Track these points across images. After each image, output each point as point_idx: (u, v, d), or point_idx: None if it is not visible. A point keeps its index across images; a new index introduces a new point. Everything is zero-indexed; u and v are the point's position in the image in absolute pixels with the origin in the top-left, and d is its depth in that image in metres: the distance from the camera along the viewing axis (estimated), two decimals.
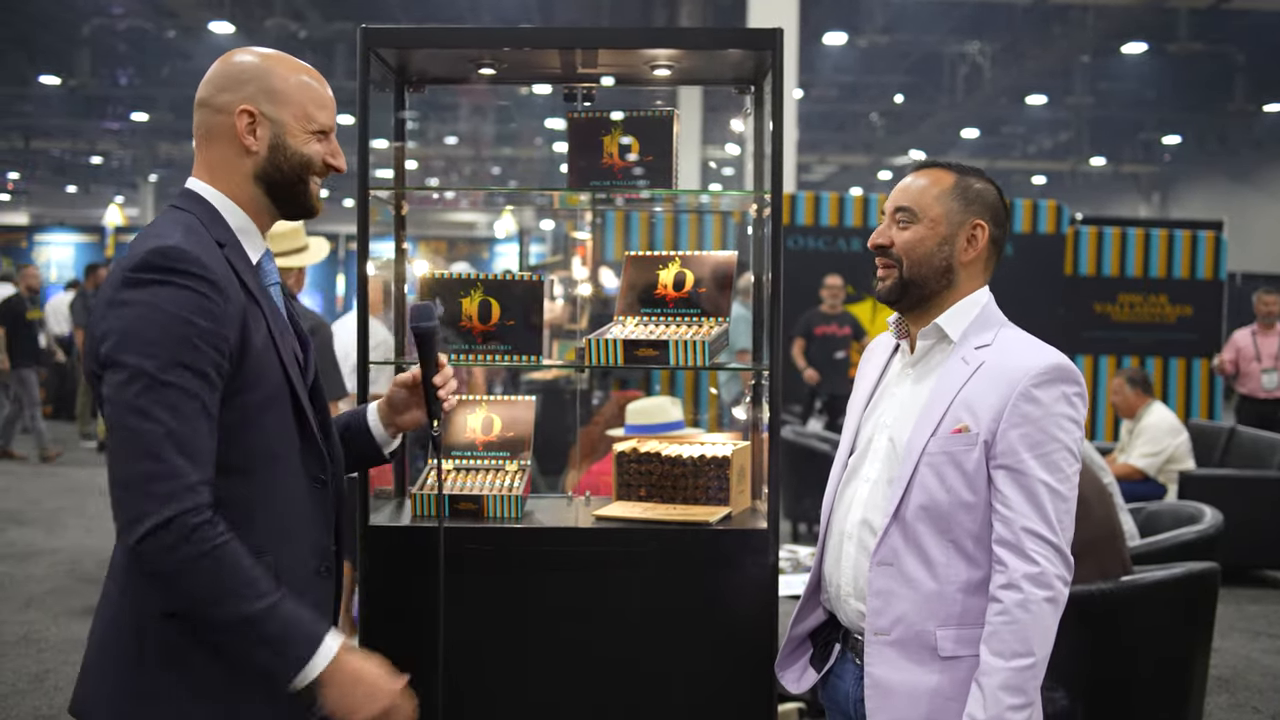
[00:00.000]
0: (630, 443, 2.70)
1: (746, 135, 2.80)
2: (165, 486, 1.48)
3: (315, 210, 1.76)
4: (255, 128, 1.66)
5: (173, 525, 1.47)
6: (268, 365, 1.62)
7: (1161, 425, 6.36)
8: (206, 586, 1.50)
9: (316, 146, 1.71)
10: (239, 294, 1.59)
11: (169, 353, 1.50)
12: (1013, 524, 1.73)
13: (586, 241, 6.98)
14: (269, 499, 1.63)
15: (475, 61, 2.56)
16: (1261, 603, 6.02)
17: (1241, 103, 18.18)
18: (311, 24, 16.05)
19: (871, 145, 24.13)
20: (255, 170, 1.68)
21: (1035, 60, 16.79)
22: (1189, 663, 3.33)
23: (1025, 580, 1.71)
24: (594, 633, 2.34)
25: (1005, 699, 1.69)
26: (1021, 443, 1.74)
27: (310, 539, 1.70)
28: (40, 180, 26.64)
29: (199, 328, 1.52)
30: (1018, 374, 1.77)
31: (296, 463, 1.67)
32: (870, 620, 1.82)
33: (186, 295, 1.52)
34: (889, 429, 1.89)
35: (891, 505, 1.81)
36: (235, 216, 1.68)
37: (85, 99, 19.94)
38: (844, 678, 1.95)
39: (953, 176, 1.90)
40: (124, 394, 1.49)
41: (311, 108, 1.70)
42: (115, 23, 16.30)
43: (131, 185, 27.09)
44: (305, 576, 1.67)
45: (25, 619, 5.24)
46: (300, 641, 1.54)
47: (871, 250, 1.93)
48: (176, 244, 1.55)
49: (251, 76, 1.67)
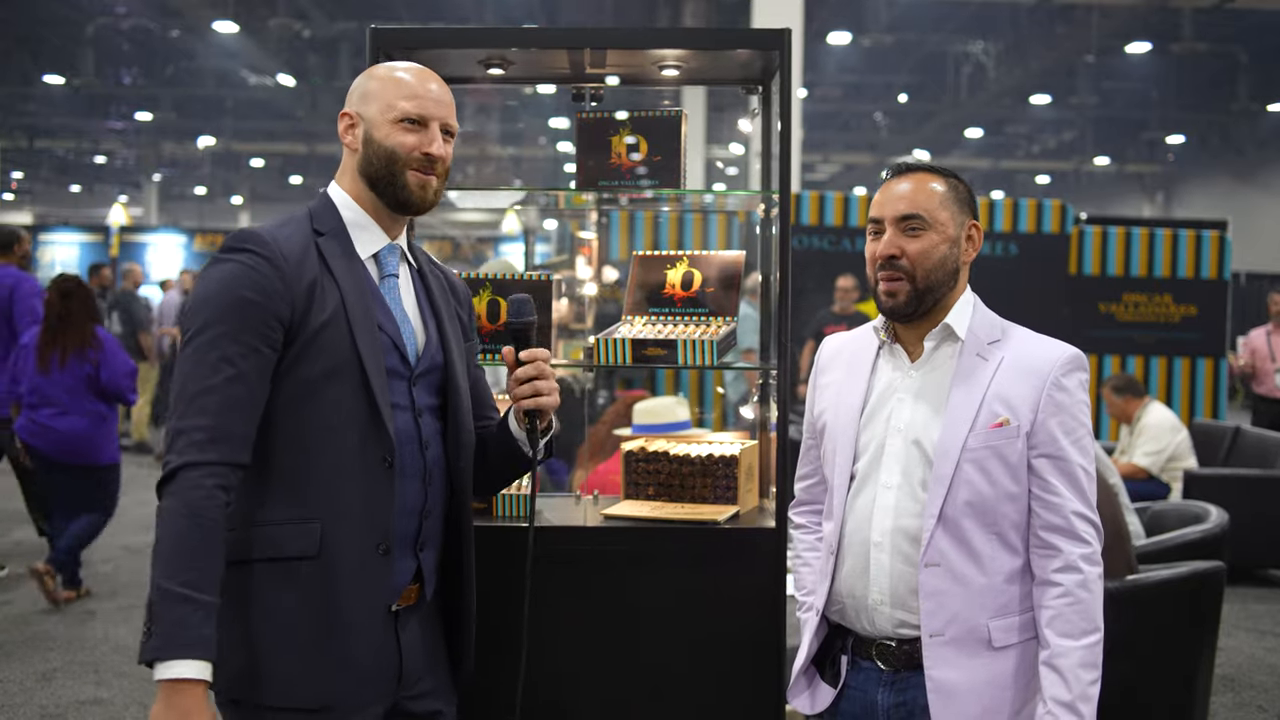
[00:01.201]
0: (638, 442, 2.70)
1: (751, 135, 2.81)
2: (180, 442, 1.62)
3: (415, 201, 1.81)
4: (353, 128, 1.81)
5: (175, 474, 1.61)
6: (332, 340, 1.70)
7: (1163, 424, 6.39)
8: (163, 538, 1.60)
9: (404, 138, 1.78)
10: (312, 271, 1.71)
11: (218, 320, 1.64)
12: (1062, 509, 1.79)
13: (592, 241, 6.98)
14: (322, 471, 1.69)
15: (484, 62, 2.57)
16: (1267, 602, 6.02)
17: (1245, 102, 18.17)
18: (316, 23, 16.06)
19: (875, 145, 24.13)
20: (359, 167, 1.81)
21: (1039, 60, 16.79)
22: (1194, 662, 3.34)
23: (1082, 560, 1.78)
24: (602, 631, 2.35)
25: (1084, 676, 1.74)
26: (1059, 430, 1.80)
27: (371, 517, 1.72)
28: (44, 180, 26.69)
29: (246, 299, 1.65)
30: (1045, 365, 1.82)
31: (357, 439, 1.71)
32: (925, 623, 1.80)
33: (241, 269, 1.67)
34: (904, 432, 1.86)
35: (935, 506, 1.80)
36: (351, 212, 1.82)
37: (89, 98, 19.99)
38: (868, 689, 1.89)
39: (942, 179, 1.89)
40: (182, 354, 1.67)
41: (395, 98, 1.78)
42: (119, 22, 16.34)
43: (135, 185, 27.14)
44: (363, 552, 1.71)
45: (32, 618, 5.26)
46: (168, 641, 1.54)
47: (876, 262, 1.87)
48: (252, 228, 1.73)
49: (358, 84, 1.84)
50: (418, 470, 1.79)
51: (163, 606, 1.56)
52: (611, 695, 2.35)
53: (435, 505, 1.83)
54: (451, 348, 1.88)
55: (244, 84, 19.17)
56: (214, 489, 1.60)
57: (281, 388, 1.68)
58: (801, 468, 2.11)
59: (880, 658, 1.88)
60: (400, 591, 1.79)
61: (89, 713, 4.11)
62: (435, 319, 1.88)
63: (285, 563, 1.68)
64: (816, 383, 2.03)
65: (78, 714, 4.09)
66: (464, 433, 1.88)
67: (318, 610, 1.68)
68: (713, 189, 11.40)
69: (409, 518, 1.78)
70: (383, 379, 1.73)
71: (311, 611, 1.68)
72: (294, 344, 1.68)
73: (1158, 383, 9.08)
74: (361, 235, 1.81)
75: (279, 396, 1.68)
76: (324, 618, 1.68)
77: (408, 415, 1.79)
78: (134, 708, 4.15)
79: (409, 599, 1.80)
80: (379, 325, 1.76)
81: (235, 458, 1.63)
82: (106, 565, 6.26)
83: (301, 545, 1.68)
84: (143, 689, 4.34)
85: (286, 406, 1.69)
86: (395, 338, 1.79)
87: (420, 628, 1.84)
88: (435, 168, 1.80)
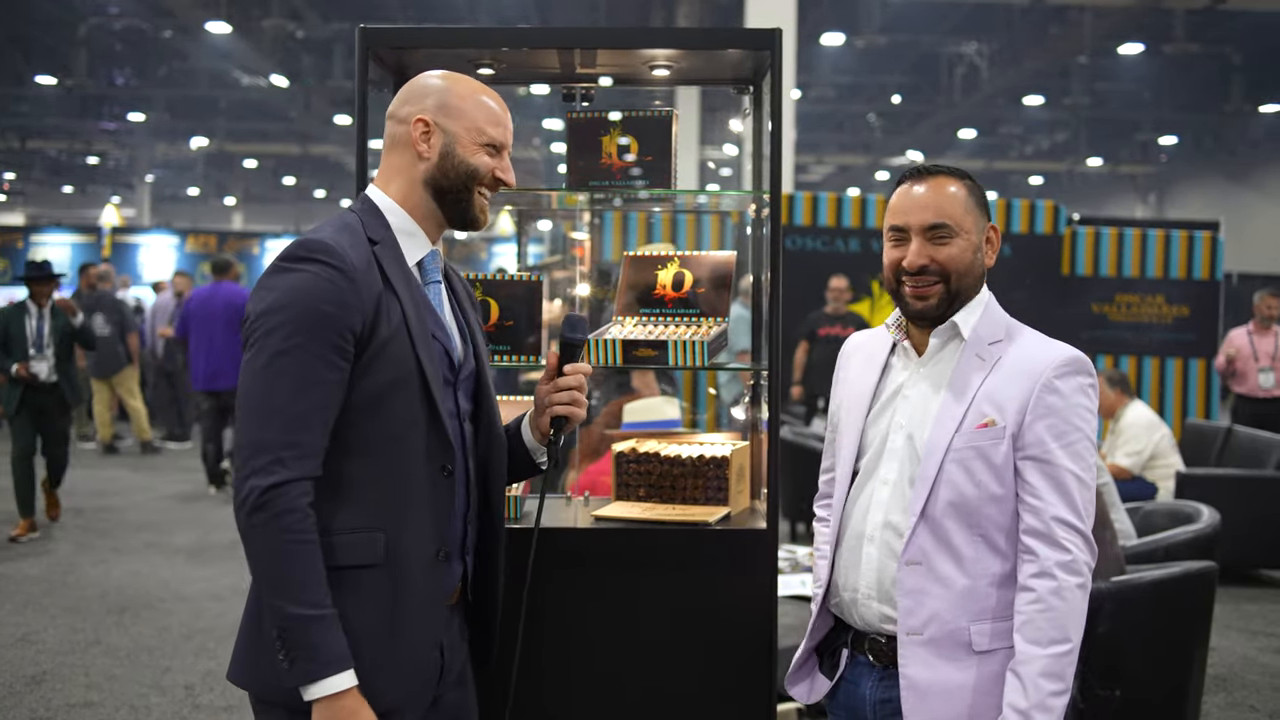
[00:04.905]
0: (629, 442, 2.69)
1: (744, 136, 2.81)
2: (262, 459, 1.61)
3: (479, 222, 1.86)
4: (429, 136, 1.80)
5: (267, 495, 1.60)
6: (397, 352, 1.71)
7: (1139, 423, 6.45)
8: (267, 566, 1.61)
9: (485, 159, 1.82)
10: (376, 283, 1.71)
11: (293, 332, 1.63)
12: (1043, 514, 1.76)
13: (584, 242, 6.97)
14: (388, 481, 1.71)
15: (474, 61, 2.56)
16: (1259, 602, 6.03)
17: (1238, 103, 18.23)
18: (309, 24, 16.03)
19: (869, 146, 24.16)
20: (425, 176, 1.81)
21: (1032, 61, 16.82)
22: (1187, 661, 3.34)
23: (1058, 568, 1.74)
24: (593, 633, 2.34)
25: (1045, 685, 1.71)
26: (1048, 433, 1.77)
27: (432, 525, 1.75)
28: (36, 180, 26.62)
29: (322, 312, 1.65)
30: (1039, 367, 1.80)
31: (420, 448, 1.74)
32: (902, 620, 1.80)
33: (315, 280, 1.66)
34: (904, 429, 1.87)
35: (918, 504, 1.80)
36: (397, 218, 1.81)
37: (82, 99, 19.92)
38: (859, 683, 1.91)
39: (961, 182, 1.88)
40: (251, 366, 1.65)
41: (483, 123, 1.82)
42: (112, 22, 16.29)
43: (128, 185, 27.06)
44: (424, 559, 1.74)
45: (22, 620, 5.24)
46: (316, 661, 1.60)
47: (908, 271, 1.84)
48: (319, 237, 1.70)
49: (432, 91, 1.83)
50: (465, 476, 1.83)
51: (296, 632, 1.59)
52: (602, 696, 2.34)
53: (475, 508, 1.87)
54: (483, 352, 1.93)
55: (237, 85, 19.13)
56: (307, 507, 1.62)
57: (350, 398, 1.69)
58: (824, 460, 2.12)
59: (872, 652, 1.89)
60: (451, 593, 1.82)
61: (79, 715, 4.09)
62: (466, 323, 1.91)
63: (351, 571, 1.69)
64: (837, 378, 2.06)
65: (67, 717, 4.07)
66: (496, 435, 1.92)
67: (382, 617, 1.70)
68: (705, 189, 11.37)
69: (457, 522, 1.82)
70: (441, 388, 1.76)
71: (376, 618, 1.70)
72: (363, 355, 1.69)
73: (1150, 383, 9.09)
74: (409, 242, 1.82)
75: (346, 406, 1.69)
76: (388, 624, 1.70)
77: (456, 422, 1.82)
78: (124, 710, 4.13)
79: (453, 599, 1.85)
80: (432, 334, 1.79)
81: (316, 472, 1.65)
82: (97, 568, 6.24)
83: (367, 554, 1.70)
84: (133, 692, 4.32)
85: (353, 416, 1.69)
86: (447, 345, 1.82)
87: (459, 626, 1.89)
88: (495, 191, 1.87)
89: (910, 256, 1.83)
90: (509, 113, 1.88)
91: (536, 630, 2.31)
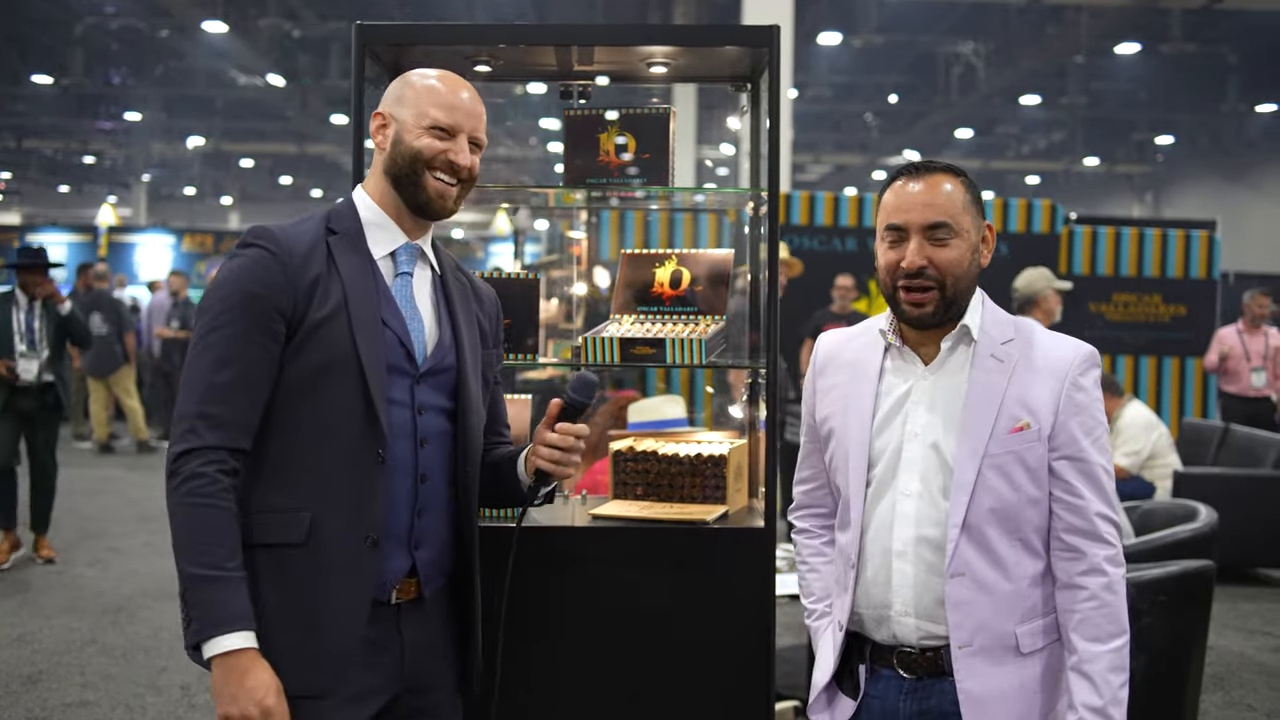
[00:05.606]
0: (627, 441, 2.69)
1: (741, 134, 2.81)
2: (179, 429, 1.68)
3: (435, 206, 1.85)
4: (385, 128, 1.86)
5: (177, 462, 1.67)
6: (330, 335, 1.73)
7: (1137, 422, 6.45)
8: (175, 529, 1.67)
9: (430, 142, 1.83)
10: (317, 267, 1.75)
11: (221, 311, 1.71)
12: (1086, 511, 1.76)
13: (582, 241, 6.97)
14: (314, 462, 1.73)
15: (471, 59, 2.55)
16: (1256, 600, 6.03)
17: (1234, 103, 18.25)
18: (306, 23, 16.00)
19: (866, 145, 24.15)
20: (385, 166, 1.86)
21: (1029, 60, 16.82)
22: (1184, 660, 3.34)
23: (1106, 563, 1.76)
24: (590, 631, 2.33)
25: (1114, 680, 1.72)
26: (1079, 430, 1.77)
27: (362, 510, 1.74)
28: (33, 180, 26.55)
29: (249, 292, 1.71)
30: (1063, 365, 1.78)
31: (354, 433, 1.74)
32: (954, 634, 1.75)
33: (247, 264, 1.73)
34: (921, 437, 1.80)
35: (958, 515, 1.75)
36: (368, 211, 1.87)
37: (78, 98, 19.89)
38: (886, 697, 1.83)
39: (957, 179, 1.81)
40: (191, 346, 1.74)
41: (428, 106, 1.83)
42: (108, 22, 16.26)
43: (124, 185, 27.01)
44: (353, 543, 1.74)
45: (18, 620, 5.23)
46: (209, 620, 1.63)
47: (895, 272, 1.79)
48: (265, 225, 1.79)
49: (394, 87, 1.89)
50: (409, 466, 1.81)
51: (193, 592, 1.63)
52: (599, 695, 2.33)
53: (431, 503, 1.84)
54: (465, 352, 1.90)
55: (234, 84, 19.10)
56: (215, 473, 1.66)
57: (281, 379, 1.73)
58: (801, 471, 2.03)
59: (901, 665, 1.82)
60: (394, 584, 1.80)
61: (75, 715, 4.08)
62: (452, 322, 1.90)
63: (275, 549, 1.71)
64: (816, 385, 1.95)
65: (63, 717, 4.06)
66: (472, 436, 1.90)
67: (305, 598, 1.71)
68: (703, 188, 11.43)
69: (401, 513, 1.80)
70: (381, 374, 1.76)
71: (299, 599, 1.71)
72: (295, 336, 1.73)
73: (1147, 382, 9.10)
74: (378, 234, 1.85)
75: (279, 388, 1.73)
76: (312, 605, 1.71)
77: (406, 412, 1.80)
78: (120, 710, 4.12)
79: (408, 593, 1.82)
80: (384, 321, 1.79)
81: (233, 443, 1.68)
82: (93, 568, 6.22)
83: (290, 533, 1.72)
84: (129, 692, 4.31)
85: (285, 398, 1.73)
86: (402, 334, 1.81)
87: (427, 628, 1.86)
88: (459, 176, 1.85)
89: (910, 256, 1.77)
90: (479, 101, 1.88)
91: (533, 628, 2.30)
